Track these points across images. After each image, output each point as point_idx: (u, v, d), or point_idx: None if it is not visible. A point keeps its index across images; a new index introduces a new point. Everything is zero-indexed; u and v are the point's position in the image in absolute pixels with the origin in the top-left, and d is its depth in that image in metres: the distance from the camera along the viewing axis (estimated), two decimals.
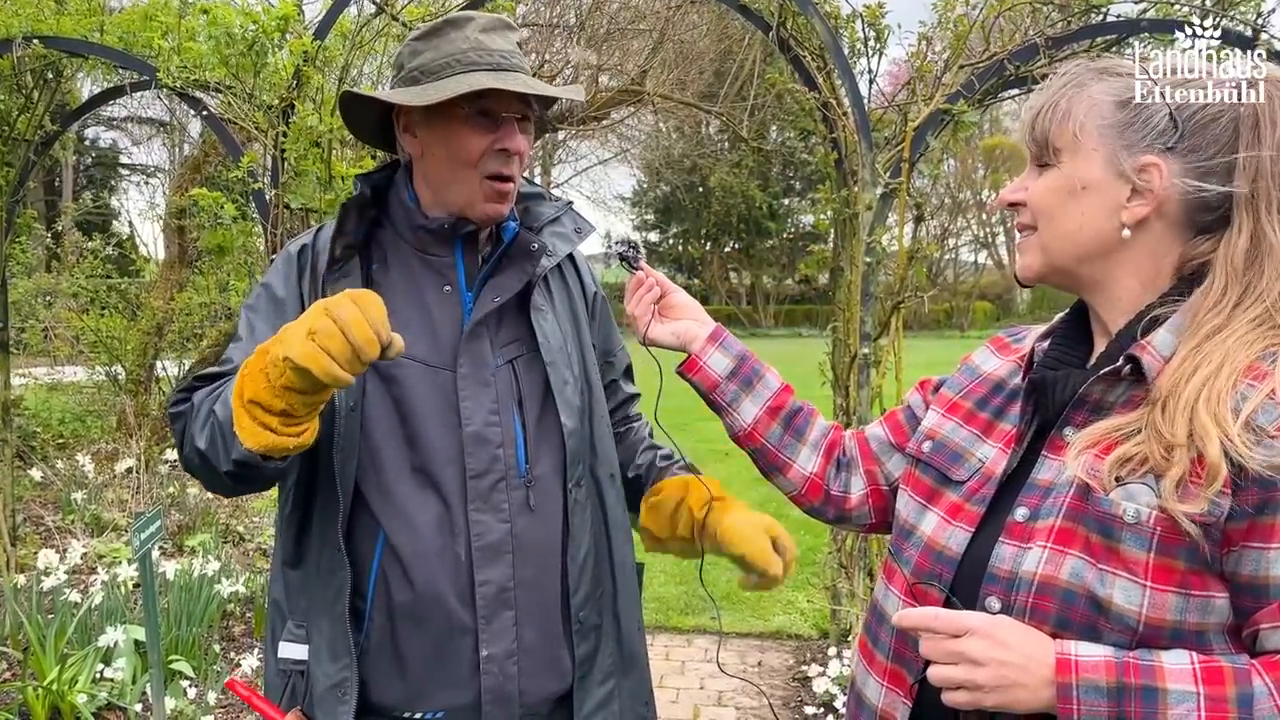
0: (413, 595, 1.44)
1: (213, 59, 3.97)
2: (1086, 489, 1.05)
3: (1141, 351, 1.08)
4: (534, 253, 1.56)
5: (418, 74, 1.49)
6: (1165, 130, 1.09)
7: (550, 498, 1.52)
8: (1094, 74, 1.14)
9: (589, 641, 1.53)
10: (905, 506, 1.29)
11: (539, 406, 1.53)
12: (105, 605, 4.00)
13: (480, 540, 1.44)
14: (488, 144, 1.48)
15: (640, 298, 1.55)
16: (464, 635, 1.44)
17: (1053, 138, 1.14)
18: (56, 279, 8.70)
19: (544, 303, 1.59)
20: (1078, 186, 1.12)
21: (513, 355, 1.54)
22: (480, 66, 1.46)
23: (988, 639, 1.02)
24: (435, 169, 1.52)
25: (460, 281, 1.55)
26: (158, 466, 6.64)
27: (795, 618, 5.03)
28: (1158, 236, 1.11)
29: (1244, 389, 1.00)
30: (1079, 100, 1.13)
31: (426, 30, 1.51)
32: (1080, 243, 1.13)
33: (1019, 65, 3.74)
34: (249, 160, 3.90)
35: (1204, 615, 1.00)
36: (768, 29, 4.04)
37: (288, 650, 1.51)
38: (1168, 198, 1.09)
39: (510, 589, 1.45)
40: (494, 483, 1.47)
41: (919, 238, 4.33)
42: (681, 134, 21.94)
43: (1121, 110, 1.11)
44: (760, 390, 1.49)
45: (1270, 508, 0.97)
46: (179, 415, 1.44)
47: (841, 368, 4.17)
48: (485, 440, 1.47)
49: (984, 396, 1.30)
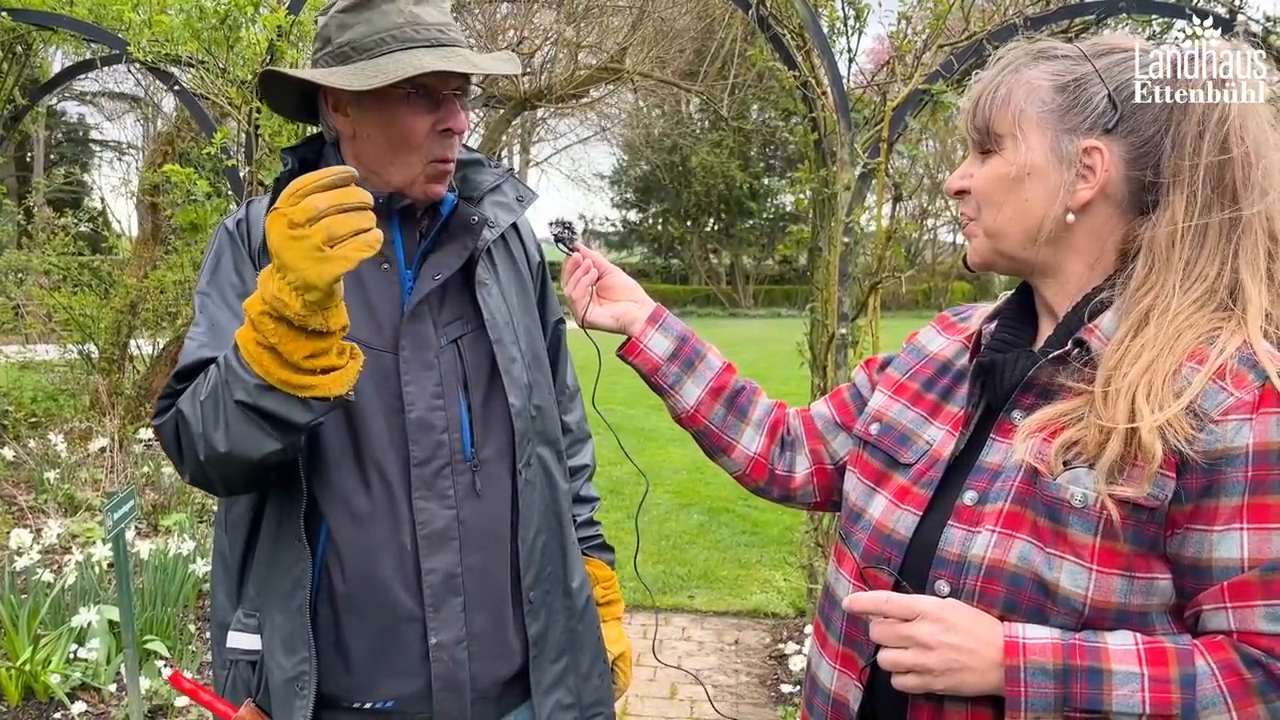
0: (357, 586, 1.41)
1: (185, 33, 3.91)
2: (1034, 473, 1.06)
3: (1089, 335, 1.08)
4: (474, 225, 1.50)
5: (349, 50, 1.40)
6: (1105, 112, 1.08)
7: (498, 481, 1.49)
8: (1031, 58, 1.13)
9: (539, 621, 1.52)
10: (854, 489, 1.29)
11: (485, 387, 1.50)
12: (79, 585, 3.97)
13: (425, 529, 1.42)
14: (430, 125, 1.42)
15: (577, 279, 1.50)
16: (411, 623, 1.42)
17: (994, 125, 1.13)
18: (28, 256, 8.58)
19: (488, 276, 1.53)
20: (1022, 173, 1.11)
21: (457, 334, 1.49)
22: (417, 43, 1.39)
23: (937, 623, 1.03)
24: (371, 150, 1.45)
25: (399, 259, 1.49)
26: (131, 445, 6.58)
27: (772, 596, 5.06)
28: (1102, 219, 1.11)
29: (1186, 372, 1.01)
30: (1017, 86, 1.12)
31: (355, 1, 1.40)
32: (1026, 228, 1.13)
33: (998, 45, 3.73)
34: (222, 136, 3.85)
35: (1148, 597, 1.02)
36: (747, 7, 4.02)
37: (238, 640, 1.47)
38: (1110, 179, 1.09)
39: (458, 575, 1.43)
40: (439, 469, 1.43)
41: (897, 218, 4.34)
42: (662, 112, 21.86)
43: (1060, 94, 1.10)
44: (702, 371, 1.46)
45: (1213, 491, 0.98)
46: (170, 427, 1.35)
47: (819, 348, 4.18)
48: (429, 426, 1.43)
49: (931, 377, 1.30)
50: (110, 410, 6.85)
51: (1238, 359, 1.00)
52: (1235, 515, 0.98)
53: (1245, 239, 1.05)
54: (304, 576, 1.40)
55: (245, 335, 1.23)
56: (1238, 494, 0.97)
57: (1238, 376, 0.99)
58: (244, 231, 1.48)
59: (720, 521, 6.49)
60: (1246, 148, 1.06)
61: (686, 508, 6.84)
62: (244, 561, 1.48)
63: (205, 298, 1.44)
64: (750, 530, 6.28)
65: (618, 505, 6.71)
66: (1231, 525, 0.98)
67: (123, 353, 7.92)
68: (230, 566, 1.50)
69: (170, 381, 1.38)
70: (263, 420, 1.24)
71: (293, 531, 1.40)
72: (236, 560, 1.49)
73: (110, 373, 7.68)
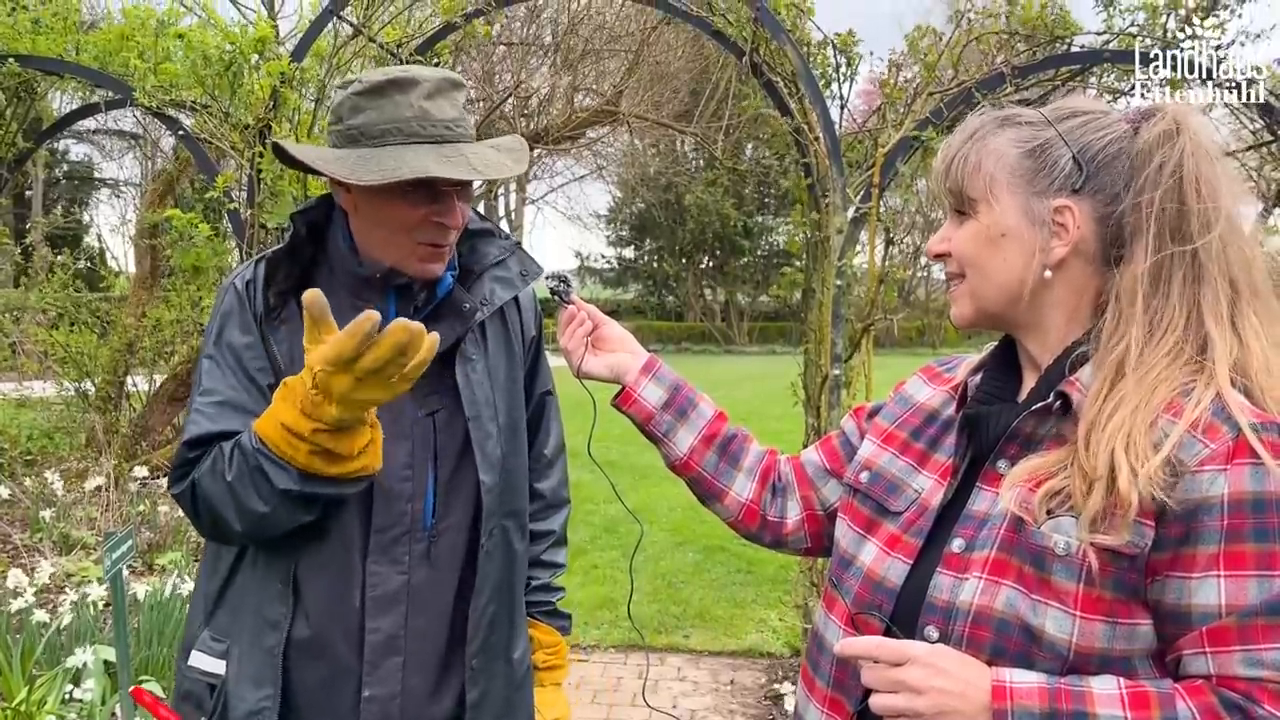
0: (308, 634, 1.47)
1: (189, 79, 3.98)
2: (1019, 521, 1.09)
3: (1070, 388, 1.12)
4: (467, 311, 1.55)
5: (357, 134, 1.43)
6: (1071, 173, 1.14)
7: (454, 550, 1.55)
8: (997, 124, 1.19)
9: (479, 687, 1.56)
10: (844, 536, 1.32)
11: (455, 461, 1.54)
12: (74, 625, 3.96)
13: (375, 590, 1.48)
14: (422, 216, 1.44)
15: (573, 331, 1.53)
16: (348, 676, 1.48)
17: (966, 189, 1.18)
18: (25, 294, 8.61)
19: (475, 352, 1.58)
20: (997, 234, 1.16)
21: (434, 408, 1.53)
22: (422, 139, 1.42)
23: (928, 667, 1.05)
24: (367, 229, 1.49)
25: None
26: (127, 484, 6.57)
27: (768, 635, 5.06)
28: (1078, 274, 1.16)
29: (1164, 424, 1.05)
30: (986, 152, 1.17)
31: (370, 87, 1.43)
32: (1006, 287, 1.17)
33: (986, 94, 3.82)
34: (225, 181, 3.91)
35: (1130, 642, 1.05)
36: (741, 54, 4.10)
37: (200, 660, 1.51)
38: (1083, 236, 1.14)
39: (400, 637, 1.49)
40: (397, 536, 1.49)
41: (889, 261, 4.40)
42: (657, 151, 22.05)
43: (1028, 159, 1.15)
44: (695, 419, 1.50)
45: (1192, 539, 1.01)
46: (188, 496, 1.42)
47: (813, 388, 4.22)
48: (395, 495, 1.49)
49: (918, 427, 1.33)
50: (106, 448, 6.85)
51: (1211, 411, 1.04)
52: (1212, 563, 1.01)
53: (1205, 286, 1.10)
54: (282, 621, 1.46)
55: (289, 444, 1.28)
56: (1214, 542, 1.01)
57: (1211, 428, 1.03)
58: (251, 293, 1.51)
59: (716, 560, 6.49)
60: (1202, 198, 1.10)
61: (682, 546, 6.85)
62: (222, 589, 1.53)
63: (212, 362, 1.48)
64: (746, 569, 6.28)
65: (613, 544, 6.71)
66: (1209, 572, 1.01)
67: (119, 390, 7.93)
68: (208, 591, 1.54)
69: (182, 450, 1.43)
70: (305, 500, 1.33)
71: (278, 577, 1.46)
72: (215, 586, 1.53)
73: (107, 411, 7.69)
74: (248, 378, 1.46)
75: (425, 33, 4.48)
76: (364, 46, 4.18)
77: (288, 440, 1.28)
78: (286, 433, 1.28)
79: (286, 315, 1.49)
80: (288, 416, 1.27)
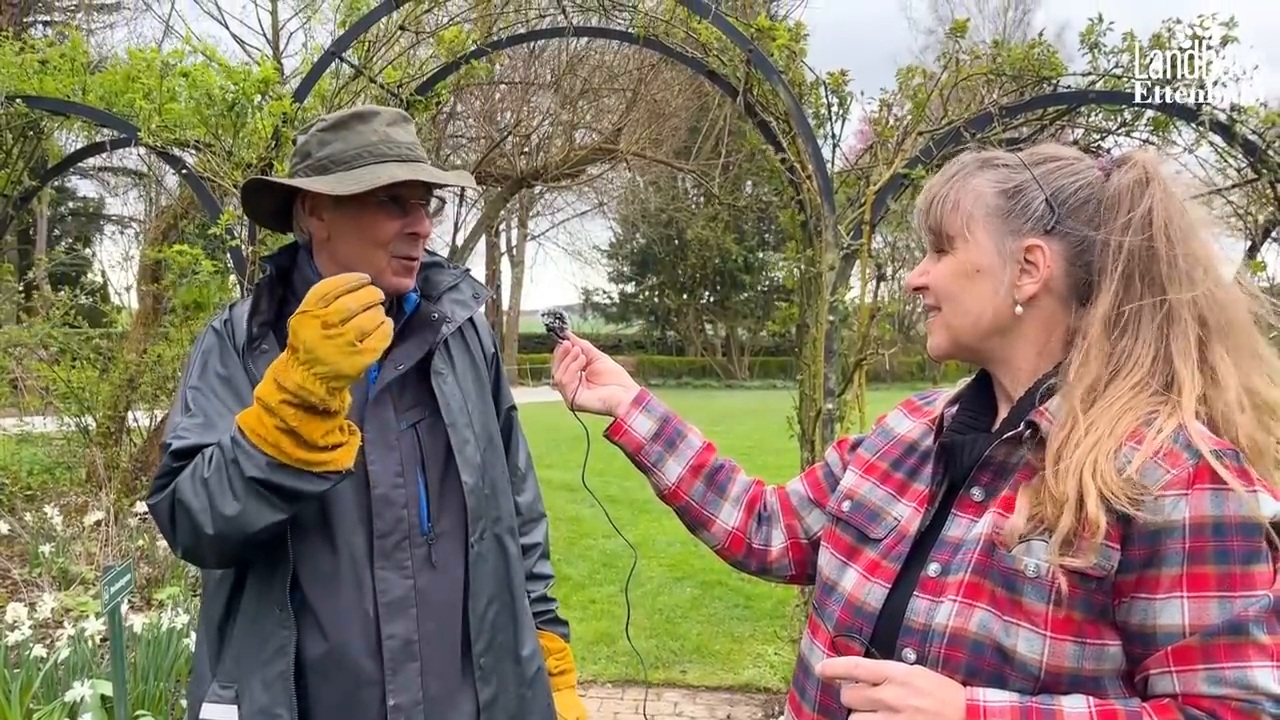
0: (324, 650, 1.52)
1: (193, 119, 4.06)
2: (992, 545, 1.14)
3: (1039, 417, 1.17)
4: (434, 322, 1.67)
5: (328, 163, 1.58)
6: (1043, 215, 1.20)
7: (452, 554, 1.63)
8: (977, 166, 1.25)
9: (490, 686, 1.63)
10: (827, 564, 1.37)
11: (441, 467, 1.64)
12: (72, 660, 3.97)
13: (385, 596, 1.54)
14: (398, 228, 1.59)
15: (567, 365, 1.61)
16: (371, 687, 1.53)
17: (945, 227, 1.24)
18: (27, 331, 8.67)
19: (444, 367, 1.69)
20: (972, 270, 1.22)
21: (416, 419, 1.64)
22: (390, 158, 1.57)
23: (904, 686, 1.09)
24: (345, 248, 1.61)
25: None
26: (127, 519, 6.58)
27: (764, 670, 5.05)
28: (1048, 311, 1.21)
29: (1127, 451, 1.09)
30: (966, 192, 1.24)
31: (334, 122, 1.60)
32: (979, 321, 1.23)
33: (974, 133, 3.89)
34: (227, 219, 3.98)
35: (1099, 662, 1.08)
36: (735, 94, 4.18)
37: (211, 712, 1.55)
38: (1053, 275, 1.20)
39: (415, 642, 1.56)
40: (398, 542, 1.57)
41: (880, 297, 4.46)
42: (657, 188, 22.21)
43: (1004, 199, 1.22)
44: (683, 450, 1.55)
45: (1155, 562, 1.05)
46: (165, 505, 1.47)
47: (808, 422, 4.25)
48: (391, 502, 1.57)
49: (898, 458, 1.38)
50: (106, 484, 6.87)
51: (1173, 439, 1.08)
52: (1176, 584, 1.05)
53: (1174, 327, 1.15)
54: (287, 644, 1.50)
55: (260, 422, 1.37)
56: (1177, 564, 1.05)
57: (1173, 455, 1.07)
58: (229, 331, 1.64)
59: (713, 595, 6.48)
60: (1171, 243, 1.16)
61: (680, 581, 6.84)
62: (222, 633, 1.58)
63: (197, 391, 1.58)
64: (744, 604, 6.27)
65: (611, 579, 6.70)
66: (1173, 594, 1.05)
67: (120, 426, 7.96)
68: (210, 639, 1.59)
69: (166, 460, 1.50)
70: (273, 494, 1.38)
71: (276, 600, 1.51)
72: (214, 633, 1.58)
73: (107, 446, 7.71)
74: (235, 401, 1.54)
75: (426, 73, 4.57)
76: (365, 87, 4.26)
77: (259, 418, 1.36)
78: (259, 407, 1.37)
79: (267, 346, 1.59)
80: (262, 390, 1.37)
